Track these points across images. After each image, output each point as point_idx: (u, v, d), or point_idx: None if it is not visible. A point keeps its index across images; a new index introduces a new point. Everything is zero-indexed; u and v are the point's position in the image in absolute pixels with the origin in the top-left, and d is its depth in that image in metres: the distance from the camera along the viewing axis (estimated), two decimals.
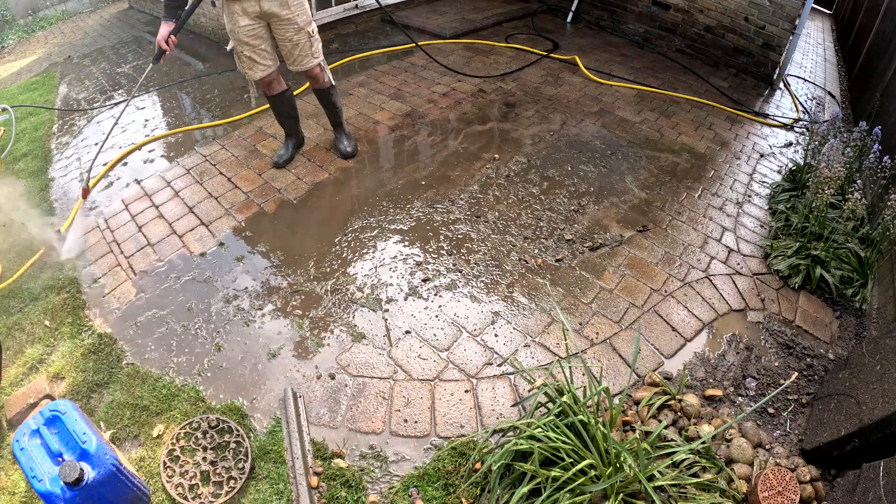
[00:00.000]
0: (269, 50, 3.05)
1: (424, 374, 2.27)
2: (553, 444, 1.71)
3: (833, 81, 5.94)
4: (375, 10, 5.88)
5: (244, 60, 3.05)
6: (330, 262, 2.81)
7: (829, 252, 2.79)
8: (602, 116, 4.22)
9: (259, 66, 3.06)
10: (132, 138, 3.90)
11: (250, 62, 3.04)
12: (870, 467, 1.69)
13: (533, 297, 2.62)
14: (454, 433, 2.07)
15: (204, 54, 5.30)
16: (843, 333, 2.58)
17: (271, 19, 2.93)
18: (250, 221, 3.08)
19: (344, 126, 3.63)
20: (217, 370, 2.29)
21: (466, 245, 2.92)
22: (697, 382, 2.29)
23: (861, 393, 1.92)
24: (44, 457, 1.52)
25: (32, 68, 5.87)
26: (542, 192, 3.33)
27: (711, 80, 5.02)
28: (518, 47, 5.37)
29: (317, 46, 3.13)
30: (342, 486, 1.89)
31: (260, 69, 3.07)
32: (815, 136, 3.44)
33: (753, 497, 1.77)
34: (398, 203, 3.22)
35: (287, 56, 3.11)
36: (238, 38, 2.95)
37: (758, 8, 4.84)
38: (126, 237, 2.99)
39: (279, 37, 3.01)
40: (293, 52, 3.07)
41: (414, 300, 2.60)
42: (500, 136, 3.91)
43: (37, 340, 2.44)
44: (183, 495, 1.85)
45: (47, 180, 3.59)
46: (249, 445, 1.99)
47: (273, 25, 2.97)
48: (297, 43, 3.02)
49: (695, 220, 3.20)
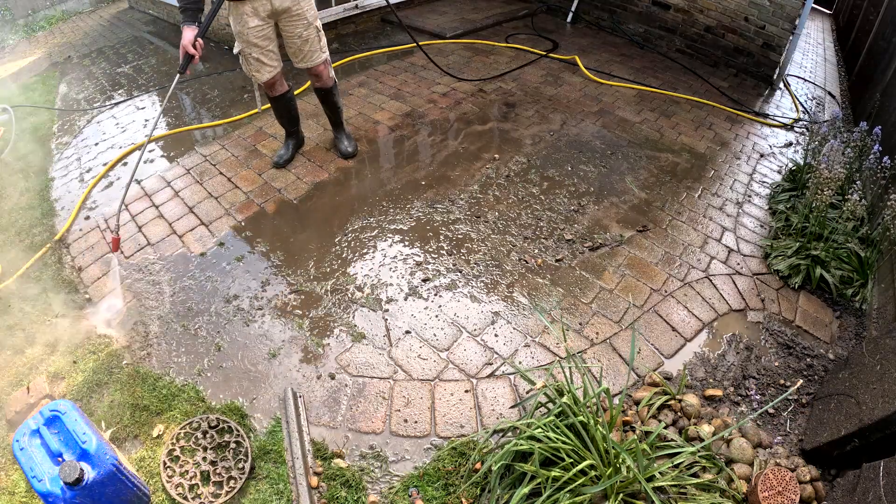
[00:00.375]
0: (276, 51, 3.05)
1: (424, 374, 2.27)
2: (553, 444, 1.71)
3: (833, 81, 5.94)
4: (375, 10, 5.88)
5: (251, 63, 3.03)
6: (330, 261, 2.81)
7: (829, 252, 2.79)
8: (602, 116, 4.22)
9: (266, 68, 3.04)
10: (132, 138, 3.90)
11: (258, 64, 3.02)
12: (870, 467, 1.69)
13: (533, 298, 2.62)
14: (454, 433, 2.07)
15: (204, 54, 5.28)
16: (843, 333, 2.58)
17: (281, 16, 2.92)
18: (250, 221, 3.08)
19: (344, 126, 3.63)
20: (217, 370, 2.29)
21: (466, 245, 2.92)
22: (697, 382, 2.29)
23: (861, 393, 1.92)
24: (44, 457, 1.52)
25: (32, 68, 5.87)
26: (541, 192, 3.33)
27: (711, 80, 5.02)
28: (518, 47, 5.37)
29: (324, 41, 3.14)
30: (342, 486, 1.90)
31: (267, 71, 3.05)
32: (815, 137, 3.44)
33: (753, 497, 1.77)
34: (398, 203, 3.22)
35: (295, 53, 3.10)
36: (247, 39, 2.91)
37: (758, 8, 4.84)
38: (126, 237, 2.99)
39: (288, 34, 3.00)
40: (302, 49, 3.06)
41: (414, 300, 2.60)
42: (500, 136, 3.91)
43: (37, 340, 2.44)
44: (183, 495, 1.85)
45: (47, 180, 3.59)
46: (249, 445, 1.99)
47: (282, 23, 2.96)
48: (306, 38, 3.02)
49: (695, 220, 3.20)
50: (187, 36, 2.69)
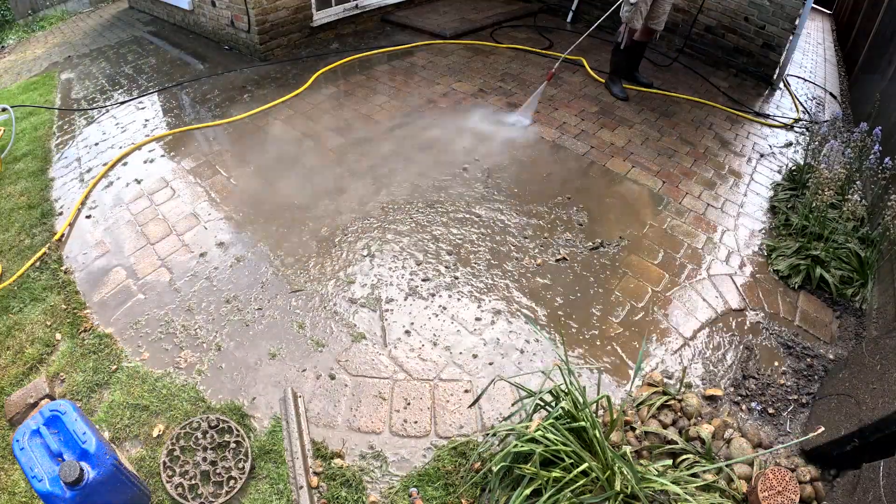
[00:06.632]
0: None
1: (424, 374, 2.27)
2: (554, 446, 1.71)
3: (833, 81, 5.94)
4: (375, 10, 5.88)
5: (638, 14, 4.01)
6: (330, 261, 2.81)
7: (829, 252, 2.79)
8: (602, 116, 4.22)
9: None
10: (132, 138, 3.90)
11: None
12: (870, 467, 1.69)
13: (533, 297, 2.62)
14: (454, 433, 2.07)
15: (204, 54, 5.30)
16: (843, 333, 2.58)
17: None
18: (250, 221, 3.08)
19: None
20: (217, 370, 2.29)
21: (466, 245, 2.92)
22: (698, 382, 2.29)
23: (861, 393, 1.92)
24: (44, 457, 1.52)
25: (32, 68, 5.87)
26: (542, 192, 3.32)
27: (711, 79, 5.02)
28: (518, 47, 5.37)
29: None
30: (342, 485, 1.90)
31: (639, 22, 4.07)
32: (815, 137, 3.44)
33: (753, 497, 1.77)
34: (399, 202, 3.21)
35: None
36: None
37: (758, 8, 4.84)
38: (126, 237, 2.99)
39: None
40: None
41: (414, 300, 2.60)
42: (500, 135, 3.91)
43: (37, 340, 2.44)
44: (183, 495, 1.85)
45: (47, 180, 3.58)
46: (249, 445, 1.99)
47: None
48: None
49: (695, 220, 3.20)
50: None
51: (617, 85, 4.53)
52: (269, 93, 4.41)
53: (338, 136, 3.85)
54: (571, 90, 4.60)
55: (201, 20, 5.61)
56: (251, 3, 4.70)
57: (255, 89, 4.50)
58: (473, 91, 4.50)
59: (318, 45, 5.36)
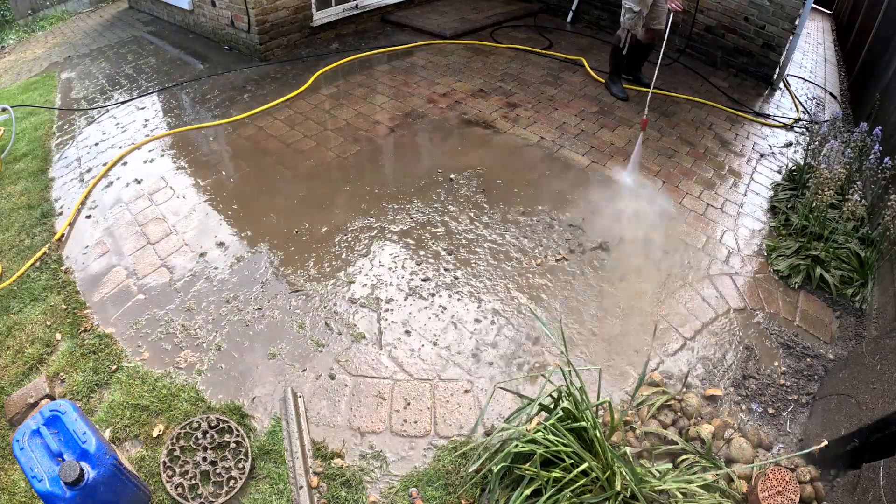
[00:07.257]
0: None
1: (424, 374, 2.27)
2: (555, 447, 1.71)
3: (833, 81, 5.93)
4: (375, 10, 5.88)
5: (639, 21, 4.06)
6: (330, 261, 2.81)
7: (829, 252, 2.79)
8: (602, 116, 4.22)
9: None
10: (132, 138, 3.90)
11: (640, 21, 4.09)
12: (870, 467, 1.69)
13: (533, 298, 2.62)
14: (454, 433, 2.07)
15: (204, 54, 5.30)
16: (843, 333, 2.58)
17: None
18: (250, 221, 3.08)
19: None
20: (217, 370, 2.29)
21: (466, 244, 2.92)
22: (698, 382, 2.29)
23: (861, 393, 1.92)
24: (44, 457, 1.52)
25: (32, 68, 5.87)
26: (542, 191, 3.33)
27: (711, 79, 5.02)
28: (518, 47, 5.36)
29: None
30: (342, 485, 1.90)
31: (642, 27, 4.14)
32: (815, 137, 3.44)
33: (753, 497, 1.77)
34: (398, 203, 3.21)
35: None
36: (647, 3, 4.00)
37: (758, 8, 4.84)
38: (126, 237, 2.99)
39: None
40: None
41: (413, 300, 2.60)
42: (500, 135, 3.91)
43: (37, 340, 2.44)
44: (183, 495, 1.85)
45: (47, 180, 3.58)
46: (249, 445, 1.99)
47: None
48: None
49: (695, 220, 3.20)
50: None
51: (617, 85, 4.53)
52: (269, 93, 4.42)
53: (338, 135, 3.85)
54: (571, 90, 4.60)
55: (201, 20, 5.61)
56: (251, 3, 4.70)
57: (254, 89, 4.50)
58: (473, 91, 4.50)
59: (318, 45, 5.36)
